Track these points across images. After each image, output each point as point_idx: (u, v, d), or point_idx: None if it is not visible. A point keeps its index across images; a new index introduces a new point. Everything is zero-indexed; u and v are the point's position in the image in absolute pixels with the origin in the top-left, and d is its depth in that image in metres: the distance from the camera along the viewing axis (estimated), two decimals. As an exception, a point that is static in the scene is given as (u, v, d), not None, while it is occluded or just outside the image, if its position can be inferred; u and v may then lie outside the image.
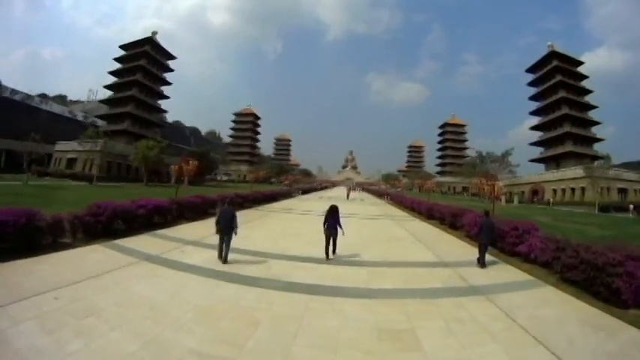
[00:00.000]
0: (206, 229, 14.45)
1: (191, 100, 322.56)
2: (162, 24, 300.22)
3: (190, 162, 22.46)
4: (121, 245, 10.49)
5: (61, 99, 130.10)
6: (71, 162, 62.55)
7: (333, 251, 10.75)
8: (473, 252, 12.29)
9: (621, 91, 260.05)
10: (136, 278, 7.59)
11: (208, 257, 9.77)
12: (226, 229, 9.41)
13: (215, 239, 9.76)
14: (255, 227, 16.32)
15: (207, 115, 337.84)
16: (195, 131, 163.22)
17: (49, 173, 51.87)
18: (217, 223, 9.54)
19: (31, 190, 26.89)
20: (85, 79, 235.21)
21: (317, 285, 7.84)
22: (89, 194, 23.91)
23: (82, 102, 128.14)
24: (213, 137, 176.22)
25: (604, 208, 43.36)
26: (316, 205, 32.55)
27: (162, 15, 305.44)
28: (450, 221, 18.86)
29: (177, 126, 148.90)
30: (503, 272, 9.94)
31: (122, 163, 62.00)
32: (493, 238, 11.53)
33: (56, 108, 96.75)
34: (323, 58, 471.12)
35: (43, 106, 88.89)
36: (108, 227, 11.71)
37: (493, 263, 10.93)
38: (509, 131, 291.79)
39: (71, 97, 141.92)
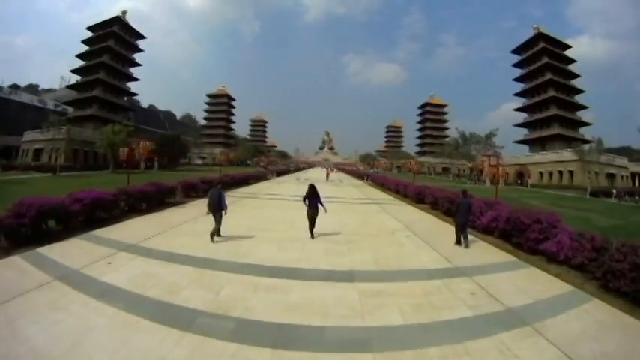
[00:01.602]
0: (156, 224, 12.02)
1: (167, 84, 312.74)
2: (138, 6, 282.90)
3: (142, 144, 19.36)
4: (43, 255, 8.09)
5: (32, 88, 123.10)
6: (38, 153, 58.08)
7: (311, 231, 11.02)
8: (488, 249, 10.43)
9: (602, 79, 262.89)
10: (34, 313, 5.29)
11: (139, 272, 7.23)
12: (215, 209, 10.29)
13: (160, 242, 9.39)
14: (213, 221, 13.58)
15: (183, 98, 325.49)
16: (169, 115, 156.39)
17: (14, 167, 47.95)
18: (208, 205, 10.44)
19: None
20: (59, 66, 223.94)
21: (285, 326, 5.22)
22: (47, 187, 20.96)
23: (55, 90, 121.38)
24: (188, 121, 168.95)
25: (594, 193, 42.39)
26: (292, 188, 29.70)
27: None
28: (447, 208, 16.39)
29: (152, 110, 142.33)
30: (535, 281, 7.66)
31: (89, 151, 57.52)
32: (469, 219, 11.00)
33: (25, 97, 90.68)
34: (301, 39, 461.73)
35: (12, 97, 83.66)
36: (37, 229, 9.34)
37: (517, 267, 8.74)
38: (488, 113, 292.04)
39: (44, 85, 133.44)
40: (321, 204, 11.00)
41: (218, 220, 10.27)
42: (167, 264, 7.80)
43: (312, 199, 10.85)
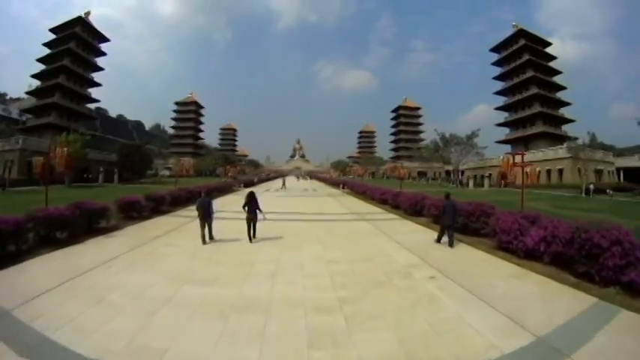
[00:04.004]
0: (60, 268, 7.99)
1: (137, 93, 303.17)
2: (111, 13, 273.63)
3: (59, 151, 15.60)
4: None
5: (0, 97, 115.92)
6: (-6, 166, 51.98)
7: (254, 234, 11.45)
8: (551, 287, 7.25)
9: (573, 81, 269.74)
10: None
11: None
12: (205, 216, 11.05)
13: (45, 308, 5.88)
14: (140, 264, 8.81)
15: (153, 108, 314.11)
16: (138, 125, 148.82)
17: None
18: (198, 212, 11.14)
19: None
20: (31, 74, 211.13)
21: None
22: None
23: (22, 99, 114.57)
24: (157, 131, 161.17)
25: (587, 191, 40.06)
26: (260, 202, 25.16)
27: (110, 3, 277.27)
28: (463, 223, 12.64)
29: (120, 120, 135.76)
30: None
31: (45, 163, 52.24)
32: (455, 220, 11.28)
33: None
34: (273, 47, 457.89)
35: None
36: None
37: (609, 314, 5.75)
38: (460, 117, 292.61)
39: (14, 94, 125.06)
40: (260, 210, 11.60)
41: (209, 226, 11.15)
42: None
43: (251, 206, 11.37)
